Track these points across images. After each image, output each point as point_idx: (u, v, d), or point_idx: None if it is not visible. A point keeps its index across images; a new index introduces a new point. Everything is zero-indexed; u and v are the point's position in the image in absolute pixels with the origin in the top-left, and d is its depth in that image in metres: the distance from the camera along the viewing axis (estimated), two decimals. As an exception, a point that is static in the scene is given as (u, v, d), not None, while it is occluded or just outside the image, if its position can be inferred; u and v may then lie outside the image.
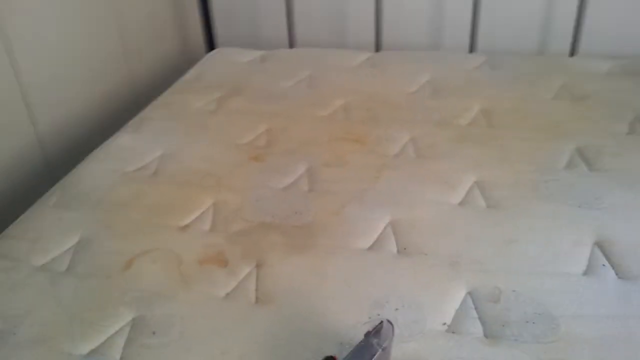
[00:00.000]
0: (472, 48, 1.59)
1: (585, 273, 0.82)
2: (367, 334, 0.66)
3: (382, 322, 0.66)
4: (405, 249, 0.89)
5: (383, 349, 0.65)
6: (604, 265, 0.83)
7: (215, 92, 1.43)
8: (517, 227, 0.91)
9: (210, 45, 1.74)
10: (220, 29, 1.79)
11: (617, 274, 0.82)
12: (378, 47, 1.66)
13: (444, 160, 1.09)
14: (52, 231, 0.98)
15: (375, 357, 0.64)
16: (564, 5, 1.55)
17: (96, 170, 1.13)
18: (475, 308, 0.78)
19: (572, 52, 1.54)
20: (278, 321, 0.78)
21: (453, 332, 0.74)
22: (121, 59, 1.56)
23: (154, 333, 0.77)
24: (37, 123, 1.28)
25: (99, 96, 1.48)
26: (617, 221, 0.91)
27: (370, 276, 0.84)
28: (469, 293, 0.80)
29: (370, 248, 0.90)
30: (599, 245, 0.87)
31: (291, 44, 1.71)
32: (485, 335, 0.74)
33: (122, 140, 1.23)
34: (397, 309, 0.77)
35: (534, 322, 0.74)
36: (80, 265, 0.90)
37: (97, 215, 1.00)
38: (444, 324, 0.76)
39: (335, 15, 1.74)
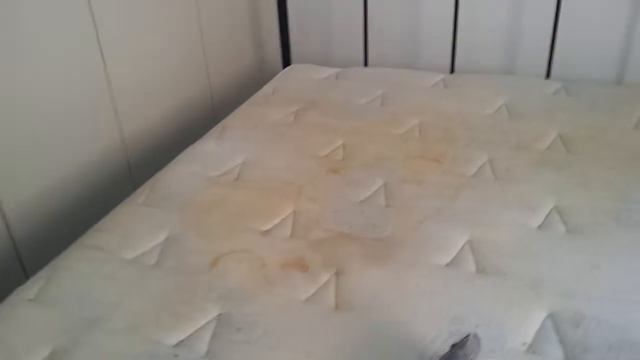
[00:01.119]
0: (548, 74, 1.59)
1: (671, 304, 0.81)
2: (454, 346, 0.67)
3: (468, 335, 0.67)
4: (483, 268, 0.90)
5: (469, 362, 0.66)
6: (690, 297, 0.82)
7: (292, 106, 1.47)
8: (599, 254, 0.90)
9: (286, 61, 1.80)
10: (296, 46, 1.85)
11: None
12: (452, 69, 1.67)
13: (522, 183, 1.10)
14: (141, 227, 1.03)
15: (461, 368, 0.65)
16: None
17: (182, 173, 1.18)
18: (556, 331, 0.78)
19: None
20: (357, 328, 0.80)
21: (533, 352, 0.75)
22: (203, 71, 1.64)
23: (238, 330, 0.81)
24: (123, 128, 1.36)
25: (180, 105, 1.55)
26: None
27: (449, 292, 0.85)
28: (550, 315, 0.80)
29: (449, 265, 0.91)
30: (685, 276, 0.85)
31: (365, 63, 1.75)
32: (566, 359, 0.74)
33: (206, 146, 1.29)
34: (477, 326, 0.78)
35: (617, 349, 0.74)
36: (168, 260, 0.95)
37: (183, 216, 1.05)
38: (524, 344, 0.76)
39: (409, 36, 1.77)
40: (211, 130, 1.36)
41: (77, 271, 0.93)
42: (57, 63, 1.16)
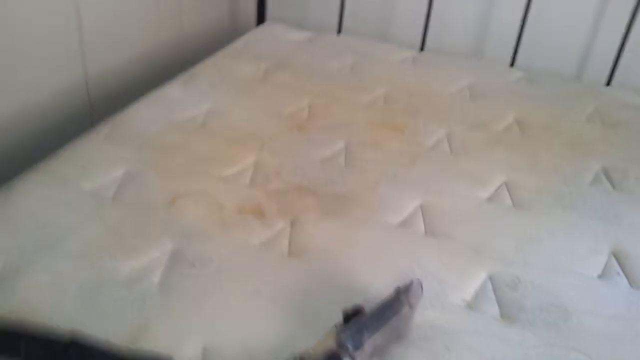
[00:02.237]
0: (512, 62, 1.64)
1: (600, 277, 0.87)
2: (397, 290, 0.71)
3: (412, 280, 0.71)
4: (432, 230, 0.94)
5: (410, 306, 0.70)
6: (618, 273, 0.88)
7: (262, 63, 1.48)
8: (540, 228, 0.96)
9: (261, 19, 1.80)
10: (271, 5, 1.84)
11: (630, 283, 0.87)
12: (422, 47, 1.71)
13: (476, 158, 1.14)
14: (100, 161, 1.03)
15: (402, 312, 0.69)
16: (606, 36, 1.60)
17: (145, 114, 1.18)
18: (494, 291, 0.83)
19: (609, 82, 1.59)
20: (307, 273, 0.83)
21: (471, 309, 0.80)
22: (175, 17, 1.62)
23: (193, 265, 0.83)
24: (87, 64, 1.33)
25: (149, 48, 1.53)
26: (634, 238, 0.96)
27: (398, 249, 0.89)
28: (490, 277, 0.85)
29: (400, 225, 0.95)
30: (615, 255, 0.92)
31: (339, 30, 1.77)
32: (501, 316, 0.79)
33: (172, 91, 1.28)
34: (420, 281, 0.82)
35: (547, 311, 0.79)
36: (126, 195, 0.96)
37: (144, 154, 1.06)
38: (464, 299, 0.81)
39: (384, 10, 1.79)
40: (177, 77, 1.35)
41: (33, 194, 0.92)
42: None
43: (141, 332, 0.71)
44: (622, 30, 1.53)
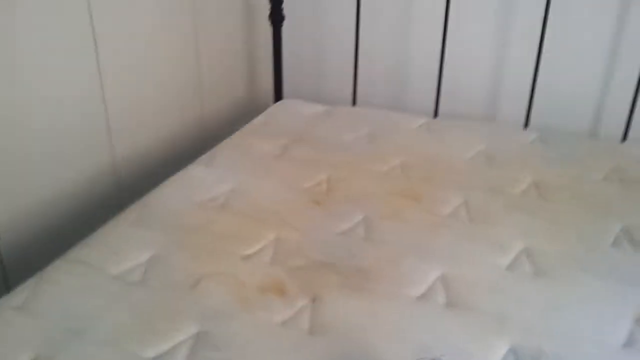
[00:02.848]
0: (526, 123, 1.67)
1: (624, 345, 0.86)
2: (419, 369, 0.71)
3: (434, 358, 0.71)
4: (453, 302, 0.94)
5: (433, 385, 0.70)
6: (644, 340, 0.87)
7: (280, 139, 1.53)
8: (562, 295, 0.95)
9: (278, 96, 1.87)
10: (288, 81, 1.92)
11: (657, 350, 0.85)
12: (436, 114, 1.75)
13: (495, 224, 1.15)
14: (128, 245, 1.07)
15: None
16: (619, 92, 1.62)
17: (171, 196, 1.23)
18: (518, 364, 0.82)
19: (624, 138, 1.60)
20: (329, 352, 0.84)
21: (495, 383, 0.79)
22: (197, 100, 1.70)
23: (215, 347, 0.84)
24: (115, 149, 1.40)
25: (172, 132, 1.60)
26: (660, 301, 0.94)
27: (419, 322, 0.90)
28: (512, 349, 0.85)
29: (421, 297, 0.96)
30: (638, 320, 0.90)
31: (354, 102, 1.82)
32: (526, 390, 0.78)
33: (195, 171, 1.34)
34: (442, 355, 0.82)
35: (574, 384, 0.78)
36: (152, 278, 0.99)
37: (170, 236, 1.09)
38: (487, 374, 0.80)
39: (396, 79, 1.85)
40: (201, 157, 1.41)
41: (62, 283, 0.96)
42: (56, 81, 1.21)
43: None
44: (634, 84, 1.55)
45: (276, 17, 1.75)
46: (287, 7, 1.76)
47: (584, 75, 1.65)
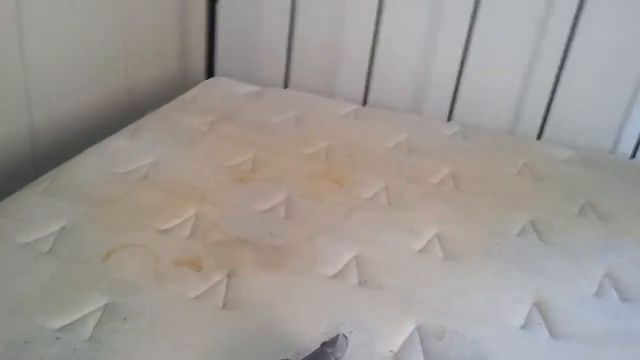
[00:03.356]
0: (449, 117, 1.73)
1: (522, 327, 0.92)
2: (324, 344, 0.73)
3: (338, 335, 0.74)
4: (365, 281, 0.97)
5: (336, 359, 0.72)
6: (540, 323, 0.93)
7: (208, 116, 1.51)
8: (468, 279, 1.00)
9: (210, 72, 1.84)
10: (221, 60, 1.90)
11: (550, 333, 0.91)
12: (364, 102, 1.78)
13: (411, 210, 1.19)
14: (38, 214, 1.03)
15: (328, 365, 0.71)
16: (537, 93, 1.71)
17: (88, 166, 1.19)
18: (421, 342, 0.86)
19: (539, 136, 1.69)
20: (241, 326, 0.85)
21: None
22: (123, 69, 1.64)
23: (124, 319, 0.83)
24: (33, 115, 1.34)
25: (96, 100, 1.55)
26: (556, 287, 1.01)
27: (331, 300, 0.92)
28: (417, 328, 0.88)
29: (335, 276, 0.98)
30: (538, 305, 0.97)
31: (285, 85, 1.83)
32: (427, 366, 0.82)
33: (117, 143, 1.30)
34: (350, 332, 0.85)
35: (471, 360, 0.83)
36: (62, 249, 0.96)
37: (83, 207, 1.06)
38: (391, 351, 0.84)
39: (328, 66, 1.87)
40: (124, 129, 1.37)
41: (-36, 249, 0.91)
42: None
43: (67, 389, 0.71)
44: (550, 86, 1.64)
45: (211, -7, 1.73)
46: (222, -16, 1.74)
47: (505, 76, 1.73)
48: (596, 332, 0.93)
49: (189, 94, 1.64)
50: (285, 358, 0.72)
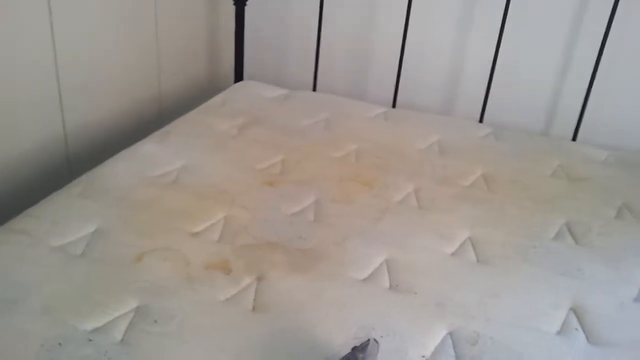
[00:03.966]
0: (481, 119, 1.70)
1: (558, 333, 0.89)
2: (354, 349, 0.72)
3: (369, 340, 0.72)
4: (396, 285, 0.96)
5: (367, 364, 0.71)
6: (576, 329, 0.90)
7: (238, 119, 1.52)
8: (502, 283, 0.98)
9: (238, 76, 1.85)
10: (249, 64, 1.91)
11: (587, 339, 0.88)
12: (394, 104, 1.76)
13: (443, 213, 1.17)
14: (72, 217, 1.04)
15: (359, 370, 0.70)
16: (571, 94, 1.67)
17: (120, 170, 1.20)
18: (454, 347, 0.84)
19: (574, 137, 1.65)
20: (271, 330, 0.84)
21: (430, 365, 0.81)
22: (155, 76, 1.66)
23: (155, 321, 0.83)
24: (66, 121, 1.36)
25: (128, 106, 1.57)
26: (594, 292, 0.98)
27: (361, 304, 0.91)
28: (450, 333, 0.86)
29: (365, 280, 0.97)
30: (575, 310, 0.94)
31: (314, 88, 1.82)
32: (460, 372, 0.80)
33: (147, 147, 1.31)
34: (382, 336, 0.83)
35: (505, 367, 0.80)
36: (94, 251, 0.97)
37: (116, 210, 1.07)
38: (423, 356, 0.82)
39: (357, 68, 1.86)
40: (155, 133, 1.38)
41: (2, 253, 0.93)
42: (8, 49, 1.17)
43: (99, 391, 0.71)
44: (585, 87, 1.60)
45: (240, -3, 1.74)
46: (251, -12, 1.75)
47: (538, 76, 1.69)
48: (637, 338, 0.89)
49: (218, 98, 1.65)
50: (315, 363, 0.72)
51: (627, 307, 0.95)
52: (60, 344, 0.78)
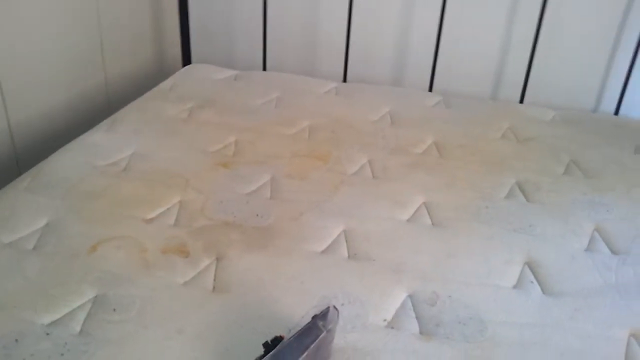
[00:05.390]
0: (430, 87, 1.72)
1: (515, 287, 0.92)
2: (315, 317, 0.73)
3: (328, 307, 0.73)
4: (355, 254, 0.97)
5: (328, 331, 0.71)
6: (532, 282, 0.93)
7: (188, 103, 1.50)
8: (458, 244, 1.00)
9: (186, 60, 1.82)
10: (196, 46, 1.87)
11: (542, 290, 0.91)
12: (345, 79, 1.77)
13: (397, 182, 1.19)
14: (22, 212, 1.01)
15: (320, 337, 0.71)
16: (516, 58, 1.70)
17: (68, 161, 1.17)
18: (414, 309, 0.86)
19: (521, 100, 1.69)
20: (233, 308, 0.84)
21: (392, 328, 0.82)
22: (99, 63, 1.62)
23: (114, 310, 0.82)
24: (10, 115, 1.32)
25: (73, 96, 1.53)
26: (546, 246, 1.01)
27: (321, 275, 0.91)
28: (409, 296, 0.88)
29: (324, 252, 0.98)
30: (529, 265, 0.97)
31: (264, 67, 1.81)
32: (421, 333, 0.82)
33: (95, 137, 1.28)
34: (342, 304, 0.85)
35: (464, 324, 0.83)
36: (47, 245, 0.95)
37: (66, 202, 1.05)
38: (385, 320, 0.83)
39: (306, 45, 1.85)
40: (102, 122, 1.35)
41: (-53, 253, 0.90)
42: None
43: (60, 383, 0.70)
44: (529, 50, 1.63)
45: (181, -21, 1.70)
46: (192, -31, 1.71)
47: (483, 42, 1.72)
48: (589, 286, 0.93)
49: (165, 83, 1.62)
50: (277, 335, 0.72)
51: (578, 257, 0.99)
52: (16, 340, 0.76)
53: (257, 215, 1.05)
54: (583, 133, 1.47)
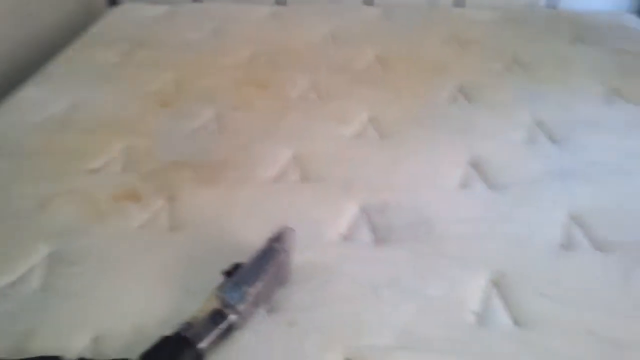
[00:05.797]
0: (368, 1, 1.69)
1: (461, 186, 0.95)
2: (270, 239, 0.74)
3: (282, 228, 0.75)
4: (306, 176, 0.98)
5: (284, 251, 0.74)
6: (477, 179, 0.96)
7: (119, 46, 1.44)
8: (403, 153, 1.03)
9: (112, 0, 1.74)
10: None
11: (488, 186, 0.95)
12: (281, 1, 1.72)
13: (341, 100, 1.19)
14: (-39, 180, 0.99)
15: (278, 258, 0.73)
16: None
17: (3, 122, 1.13)
18: (367, 219, 0.88)
19: (460, 4, 1.67)
20: (190, 244, 0.85)
21: (347, 240, 0.85)
22: (18, 17, 1.53)
23: (72, 262, 0.82)
24: None
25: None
26: (489, 143, 1.04)
27: (275, 201, 0.93)
28: (361, 208, 0.90)
29: (275, 178, 0.99)
30: (473, 163, 1.00)
31: (196, -1, 1.74)
32: (375, 241, 0.85)
33: (27, 92, 1.23)
34: (298, 225, 0.86)
35: (415, 226, 0.86)
36: (-6, 210, 0.93)
37: (7, 164, 1.02)
38: (340, 233, 0.86)
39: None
40: (31, 78, 1.30)
41: None
42: None
43: (28, 340, 0.71)
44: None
45: None
46: None
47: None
48: (532, 175, 0.97)
49: (94, 28, 1.55)
50: (235, 262, 0.73)
51: (519, 150, 1.03)
52: (-24, 304, 0.76)
53: (206, 150, 1.05)
54: (522, 29, 1.49)
